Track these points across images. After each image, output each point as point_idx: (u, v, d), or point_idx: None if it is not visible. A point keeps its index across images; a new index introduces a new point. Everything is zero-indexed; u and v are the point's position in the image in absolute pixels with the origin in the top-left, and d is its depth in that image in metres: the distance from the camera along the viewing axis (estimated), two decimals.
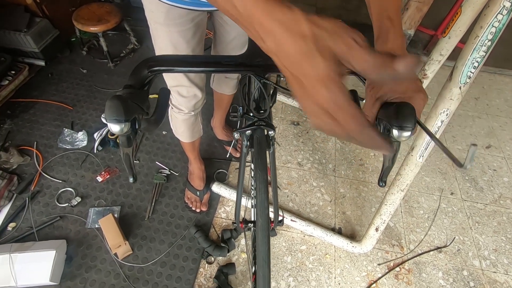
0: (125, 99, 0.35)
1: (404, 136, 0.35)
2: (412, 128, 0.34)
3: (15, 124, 1.55)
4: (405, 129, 0.34)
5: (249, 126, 0.64)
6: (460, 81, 0.72)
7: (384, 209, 1.09)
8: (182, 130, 1.10)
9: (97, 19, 1.70)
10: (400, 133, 0.35)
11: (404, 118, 0.34)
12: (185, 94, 0.93)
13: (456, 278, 1.27)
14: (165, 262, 1.20)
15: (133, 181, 0.42)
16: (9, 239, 1.21)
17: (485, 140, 1.78)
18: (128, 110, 0.35)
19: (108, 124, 0.35)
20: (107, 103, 0.34)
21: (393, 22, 0.40)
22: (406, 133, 0.34)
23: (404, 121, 0.34)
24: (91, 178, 1.40)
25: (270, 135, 0.66)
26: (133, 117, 0.36)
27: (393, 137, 0.36)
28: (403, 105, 0.35)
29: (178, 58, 0.47)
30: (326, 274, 1.24)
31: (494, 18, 0.62)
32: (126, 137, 0.37)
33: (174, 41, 0.80)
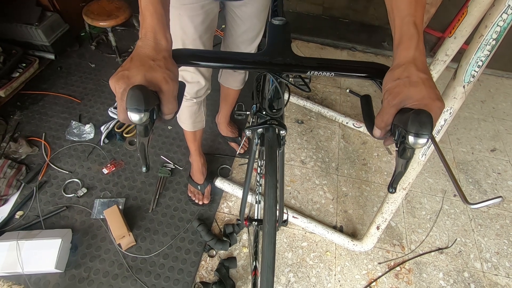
0: (146, 89, 0.35)
1: (420, 143, 0.34)
2: (429, 135, 0.34)
3: (25, 116, 1.59)
4: (421, 136, 0.34)
5: (262, 125, 0.64)
6: (464, 80, 0.72)
7: (386, 207, 1.09)
8: (184, 117, 1.12)
9: (106, 14, 1.73)
10: (415, 140, 0.34)
11: (421, 125, 0.33)
12: (189, 79, 0.95)
13: (456, 279, 1.27)
14: (168, 254, 1.22)
15: (146, 170, 0.42)
16: (16, 227, 1.24)
17: (490, 143, 1.77)
18: (148, 100, 0.35)
19: (128, 112, 0.35)
20: (128, 92, 0.35)
21: (418, 29, 0.39)
22: (422, 140, 0.34)
23: (421, 128, 0.33)
24: (97, 170, 1.43)
25: (282, 134, 0.65)
26: (152, 107, 0.37)
27: (408, 144, 0.35)
28: (421, 112, 0.34)
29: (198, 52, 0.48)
30: (326, 271, 1.25)
31: (499, 17, 0.63)
32: (144, 126, 0.38)
33: (183, 24, 0.82)
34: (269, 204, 0.58)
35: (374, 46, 2.21)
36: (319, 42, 2.23)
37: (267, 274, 0.59)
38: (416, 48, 0.39)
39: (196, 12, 0.80)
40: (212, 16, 0.86)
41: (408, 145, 0.35)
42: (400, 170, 0.41)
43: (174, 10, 0.79)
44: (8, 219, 1.25)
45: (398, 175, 0.42)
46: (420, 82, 0.37)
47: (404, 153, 0.38)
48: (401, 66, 0.39)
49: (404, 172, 0.42)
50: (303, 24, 2.34)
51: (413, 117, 0.34)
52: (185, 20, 0.81)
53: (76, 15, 1.83)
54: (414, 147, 0.35)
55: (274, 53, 0.49)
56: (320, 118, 1.78)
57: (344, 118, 1.73)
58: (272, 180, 0.59)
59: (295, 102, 1.81)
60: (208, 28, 0.87)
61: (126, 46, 1.99)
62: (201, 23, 0.83)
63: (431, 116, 0.34)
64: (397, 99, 0.37)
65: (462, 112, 1.92)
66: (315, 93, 1.92)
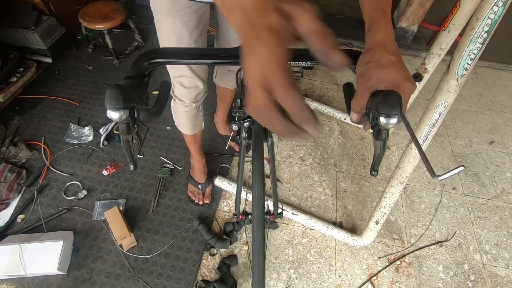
0: (124, 88, 0.37)
1: (391, 123, 0.36)
2: (398, 115, 0.35)
3: (24, 120, 1.59)
4: (392, 116, 0.35)
5: (247, 118, 0.65)
6: (457, 73, 0.73)
7: (384, 202, 1.10)
8: (184, 122, 1.13)
9: (102, 17, 1.73)
10: (387, 120, 0.36)
11: (391, 106, 0.35)
12: (187, 84, 0.96)
13: (456, 271, 1.28)
14: (169, 254, 1.23)
15: (133, 168, 0.43)
16: (18, 230, 1.25)
17: (488, 136, 1.77)
18: (126, 98, 0.36)
19: (107, 111, 0.36)
20: (107, 91, 0.36)
21: (385, 13, 0.41)
22: (393, 120, 0.36)
23: (391, 108, 0.35)
24: (97, 172, 1.43)
25: None
26: (132, 105, 0.38)
27: (381, 125, 0.37)
28: (390, 93, 0.36)
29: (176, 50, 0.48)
30: (326, 266, 1.26)
31: (490, 10, 0.63)
32: (126, 124, 0.39)
33: (177, 31, 0.83)
34: (257, 188, 0.60)
35: None
36: None
37: (258, 257, 0.61)
38: (384, 31, 0.40)
39: (190, 17, 0.81)
40: (204, 20, 0.86)
41: (381, 126, 0.37)
42: (379, 152, 0.43)
43: (168, 18, 0.80)
44: (10, 223, 1.26)
45: (378, 157, 0.44)
46: (390, 64, 0.38)
47: (379, 135, 0.40)
48: (371, 50, 0.40)
49: (383, 154, 0.43)
50: None
51: (382, 98, 0.36)
52: (179, 27, 0.81)
53: (72, 18, 1.83)
54: (387, 128, 0.37)
55: None
56: (318, 115, 1.78)
57: (342, 114, 1.74)
58: (259, 167, 0.60)
59: None
60: (202, 32, 0.88)
61: (123, 48, 2.00)
62: (195, 28, 0.84)
63: (400, 96, 0.36)
64: (370, 82, 0.38)
65: (459, 106, 1.92)
66: (312, 90, 1.92)
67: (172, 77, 0.95)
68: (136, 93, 0.39)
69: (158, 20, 0.84)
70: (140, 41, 2.02)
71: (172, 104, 1.08)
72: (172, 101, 1.07)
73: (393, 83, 0.37)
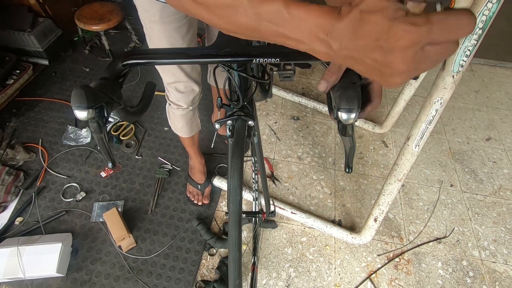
0: (88, 88, 0.38)
1: (351, 117, 0.38)
2: (356, 109, 0.37)
3: (21, 122, 1.59)
4: (351, 111, 0.37)
5: (229, 117, 0.65)
6: (453, 70, 0.73)
7: (382, 199, 1.10)
8: (181, 126, 1.13)
9: (99, 18, 1.73)
10: (347, 115, 0.38)
11: (348, 100, 0.37)
12: (183, 89, 0.95)
13: (455, 268, 1.28)
14: (168, 254, 1.23)
15: (112, 166, 0.44)
16: (16, 233, 1.24)
17: (485, 133, 1.78)
18: (92, 98, 0.37)
19: (74, 111, 0.37)
20: (72, 91, 0.37)
21: None
22: (352, 114, 0.38)
23: (348, 103, 0.37)
24: (95, 173, 1.43)
25: (250, 125, 0.66)
26: (99, 105, 0.39)
27: (341, 120, 0.39)
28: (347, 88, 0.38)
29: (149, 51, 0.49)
30: (326, 265, 1.26)
31: (484, 6, 0.64)
32: (96, 123, 0.40)
33: (170, 37, 0.82)
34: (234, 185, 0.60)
35: None
36: None
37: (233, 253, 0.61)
38: None
39: (181, 23, 0.81)
40: (195, 24, 0.86)
41: (342, 121, 0.39)
42: (350, 145, 0.44)
43: (159, 25, 0.79)
44: (8, 226, 1.26)
45: (350, 153, 0.45)
46: None
47: (345, 130, 0.41)
48: None
49: (354, 148, 0.44)
50: None
51: (341, 94, 0.38)
52: (171, 33, 0.81)
53: (69, 19, 1.83)
54: (347, 123, 0.39)
55: (222, 45, 0.50)
56: (315, 114, 1.79)
57: None
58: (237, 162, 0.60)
59: (290, 98, 1.82)
60: (193, 36, 0.88)
61: (120, 49, 1.99)
62: (187, 33, 0.84)
63: (358, 91, 0.38)
64: None
65: (456, 103, 1.93)
66: (310, 89, 1.93)
67: (167, 83, 0.95)
68: (106, 93, 0.40)
69: (148, 28, 0.83)
70: (137, 42, 2.02)
71: (167, 109, 1.08)
72: (167, 106, 1.06)
73: None
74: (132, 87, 1.80)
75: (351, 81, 0.40)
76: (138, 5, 0.80)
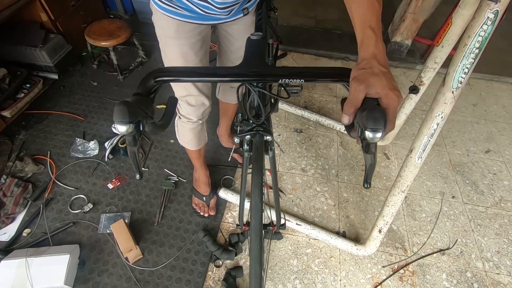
0: (130, 104, 0.41)
1: (377, 137, 0.40)
2: (382, 129, 0.39)
3: (30, 135, 1.62)
4: (377, 130, 0.39)
5: (248, 132, 0.68)
6: (452, 86, 0.77)
7: (386, 210, 1.12)
8: (189, 139, 1.16)
9: (108, 34, 1.79)
10: (373, 134, 0.40)
11: (375, 121, 0.39)
12: (194, 103, 0.99)
13: (460, 279, 1.29)
14: (175, 266, 1.24)
15: (139, 177, 0.47)
16: (24, 244, 1.25)
17: (484, 145, 1.82)
18: (132, 113, 0.41)
19: (115, 124, 0.41)
20: (115, 107, 0.40)
21: (374, 31, 0.46)
22: (378, 134, 0.40)
23: (375, 123, 0.39)
24: (103, 185, 1.45)
25: (268, 140, 0.69)
26: (137, 119, 0.42)
27: (367, 139, 0.41)
28: (374, 109, 0.41)
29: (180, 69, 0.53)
30: (331, 276, 1.26)
31: (480, 28, 0.68)
32: (132, 137, 0.43)
33: (184, 53, 0.87)
34: (255, 200, 0.62)
35: None
36: (313, 53, 2.31)
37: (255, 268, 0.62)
38: (375, 46, 0.45)
39: (196, 39, 0.85)
40: (207, 39, 0.91)
41: (368, 140, 0.41)
42: (371, 163, 0.46)
43: (174, 41, 0.84)
44: (16, 237, 1.27)
45: (370, 169, 0.47)
46: (381, 74, 0.43)
47: (368, 148, 0.43)
48: (365, 60, 0.45)
49: (374, 165, 0.46)
50: (297, 37, 2.42)
51: (368, 114, 0.40)
52: (186, 49, 0.86)
53: (78, 35, 1.89)
54: (373, 141, 0.41)
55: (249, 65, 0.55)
56: (318, 127, 1.83)
57: (341, 126, 1.78)
58: (257, 179, 0.63)
59: (293, 112, 1.87)
60: (206, 51, 0.92)
61: (127, 64, 2.05)
62: (200, 48, 0.89)
63: (383, 112, 0.40)
64: (363, 85, 0.42)
65: (455, 116, 1.97)
66: (312, 102, 1.97)
67: (179, 96, 0.98)
68: (142, 108, 0.44)
69: (164, 43, 0.88)
70: (143, 57, 2.08)
71: (176, 122, 1.12)
72: (177, 119, 1.10)
73: (384, 91, 0.42)
74: None
75: (368, 103, 0.43)
76: (155, 22, 0.85)
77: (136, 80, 1.97)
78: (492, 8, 0.65)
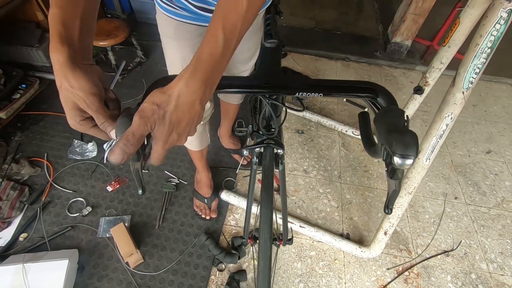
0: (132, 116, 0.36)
1: (407, 164, 0.35)
2: (414, 156, 0.34)
3: (26, 136, 1.58)
4: (407, 157, 0.34)
5: (258, 144, 0.64)
6: (463, 87, 0.76)
7: (393, 212, 1.11)
8: (191, 139, 1.14)
9: (106, 34, 1.76)
10: (402, 161, 0.35)
11: (406, 146, 0.34)
12: None
13: (464, 281, 1.28)
14: (177, 270, 1.21)
15: (142, 192, 0.43)
16: (20, 249, 1.21)
17: (485, 146, 1.82)
18: None
19: (118, 138, 0.36)
20: (118, 119, 0.36)
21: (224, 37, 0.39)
22: (408, 161, 0.35)
23: (406, 149, 0.34)
24: (101, 188, 1.42)
25: (279, 153, 0.65)
26: None
27: (395, 164, 0.35)
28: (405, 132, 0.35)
29: None
30: (336, 279, 1.25)
31: (492, 27, 0.67)
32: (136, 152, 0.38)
33: (183, 54, 0.84)
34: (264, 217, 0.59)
35: (367, 56, 2.28)
36: (313, 54, 2.29)
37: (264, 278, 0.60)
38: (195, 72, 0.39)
39: (196, 40, 0.83)
40: None
41: (395, 166, 0.36)
42: (394, 188, 0.41)
43: (173, 41, 0.82)
44: (12, 242, 1.23)
45: (393, 195, 0.42)
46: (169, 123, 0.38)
47: (394, 174, 0.38)
48: (169, 91, 0.37)
49: (399, 191, 0.42)
50: (297, 37, 2.41)
51: (397, 138, 0.35)
52: (185, 50, 0.83)
53: None
54: (402, 168, 0.36)
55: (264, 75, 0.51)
56: (319, 128, 1.81)
57: (343, 126, 1.77)
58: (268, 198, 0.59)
59: (294, 112, 1.85)
60: None
61: (126, 64, 2.01)
62: None
63: (416, 136, 0.35)
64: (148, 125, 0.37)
65: None
66: (313, 103, 1.96)
67: None
68: None
69: (164, 42, 0.86)
70: (142, 57, 2.05)
71: None
72: None
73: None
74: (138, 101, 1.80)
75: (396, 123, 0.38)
76: (157, 21, 0.83)
77: (135, 80, 1.93)
78: (505, 7, 0.64)
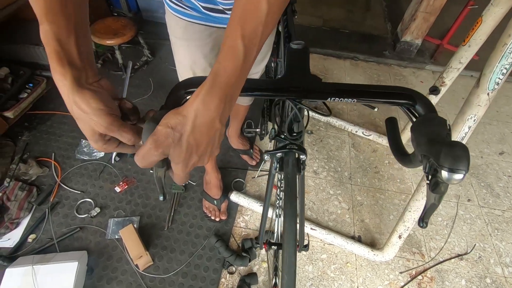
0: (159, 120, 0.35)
1: (455, 179, 0.31)
2: (465, 171, 0.30)
3: (33, 136, 1.57)
4: (457, 171, 0.30)
5: (281, 149, 0.62)
6: (488, 88, 0.74)
7: (408, 215, 1.09)
8: None
9: (113, 33, 1.74)
10: (450, 175, 0.31)
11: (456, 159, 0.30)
12: None
13: (479, 286, 1.25)
14: (186, 273, 1.20)
15: (163, 199, 0.42)
16: (29, 251, 1.20)
17: (497, 147, 1.78)
18: None
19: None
20: (144, 126, 0.35)
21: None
22: (458, 176, 0.31)
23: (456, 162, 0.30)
24: (110, 188, 1.40)
25: (302, 159, 0.63)
26: None
27: (441, 178, 0.32)
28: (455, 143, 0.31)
29: None
30: (348, 283, 1.23)
31: None
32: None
33: (192, 54, 0.83)
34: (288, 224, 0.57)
35: (376, 55, 2.25)
36: (322, 53, 2.26)
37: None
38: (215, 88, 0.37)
39: (205, 41, 0.81)
40: (219, 44, 0.87)
41: (441, 179, 0.32)
42: (432, 202, 0.37)
43: (182, 42, 0.80)
44: (21, 243, 1.22)
45: (431, 209, 0.38)
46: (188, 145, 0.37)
47: (436, 187, 0.34)
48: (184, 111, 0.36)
49: (437, 205, 0.38)
50: (304, 36, 2.38)
51: (446, 150, 0.31)
52: (193, 51, 0.81)
53: None
54: (448, 183, 0.32)
55: (293, 79, 0.49)
56: (329, 128, 1.79)
57: (353, 127, 1.74)
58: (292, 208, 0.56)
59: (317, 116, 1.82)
60: (217, 56, 0.87)
61: (132, 63, 2.00)
62: (210, 51, 0.83)
63: (467, 149, 0.31)
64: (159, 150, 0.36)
65: None
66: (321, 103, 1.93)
67: None
68: None
69: (173, 43, 0.84)
70: (148, 56, 2.03)
71: None
72: None
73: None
74: (145, 101, 1.79)
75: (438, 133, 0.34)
76: (166, 21, 0.82)
77: (141, 79, 1.92)
78: None
